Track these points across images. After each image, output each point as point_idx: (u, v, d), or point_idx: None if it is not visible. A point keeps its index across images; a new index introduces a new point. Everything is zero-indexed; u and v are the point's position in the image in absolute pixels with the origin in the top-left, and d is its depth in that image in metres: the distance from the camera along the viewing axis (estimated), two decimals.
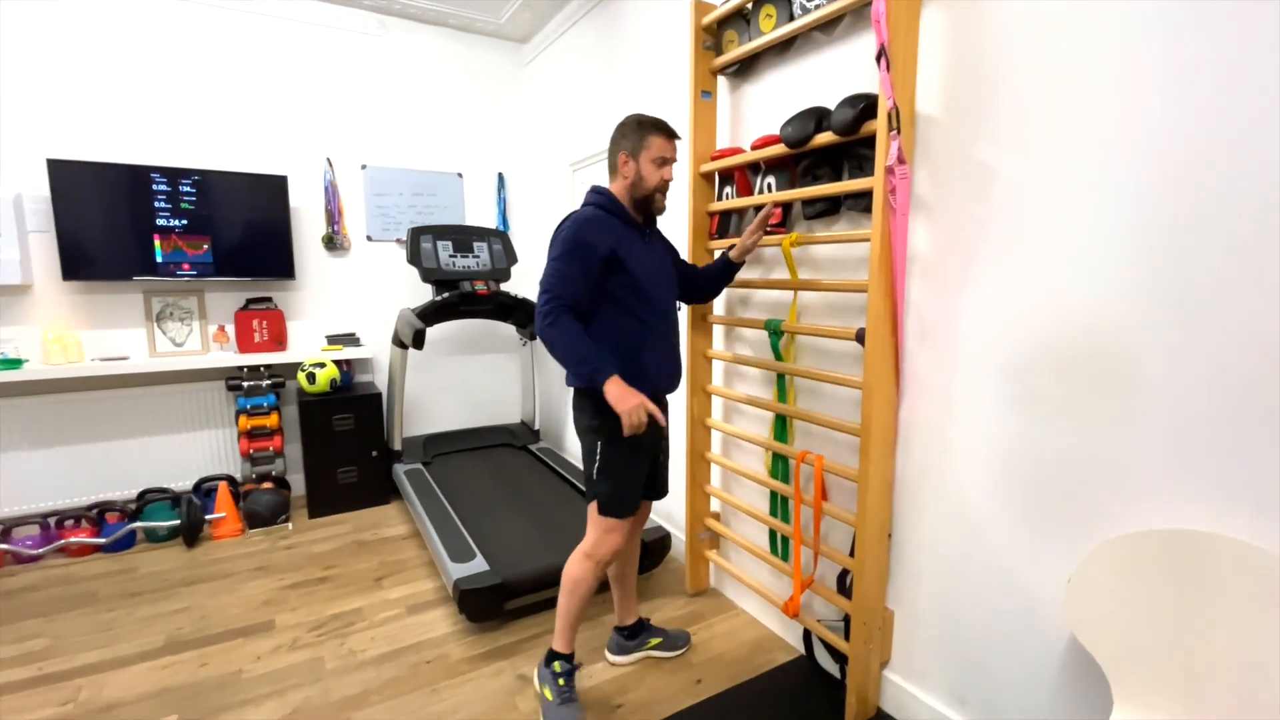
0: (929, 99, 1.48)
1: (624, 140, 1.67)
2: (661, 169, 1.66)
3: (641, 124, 1.66)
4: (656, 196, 1.69)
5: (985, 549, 1.46)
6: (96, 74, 2.77)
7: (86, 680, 1.87)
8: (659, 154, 1.64)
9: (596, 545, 1.70)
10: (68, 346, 2.75)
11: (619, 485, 1.67)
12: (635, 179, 1.66)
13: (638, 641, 1.97)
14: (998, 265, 1.38)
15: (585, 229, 1.59)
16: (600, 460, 1.65)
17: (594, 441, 1.65)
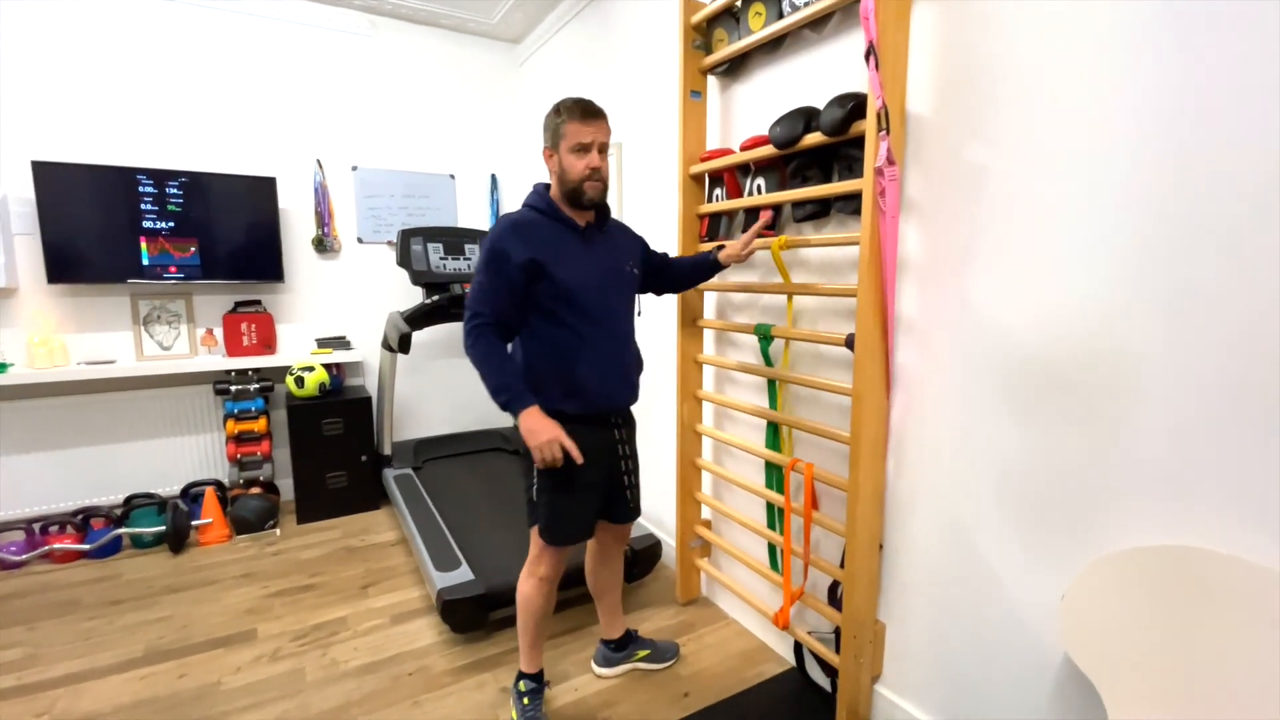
0: (920, 98, 1.44)
1: (545, 133, 1.56)
2: (584, 156, 1.49)
3: (557, 111, 1.52)
4: (585, 188, 1.51)
5: (979, 561, 1.42)
6: (83, 75, 2.74)
7: (65, 691, 1.84)
8: (575, 140, 1.49)
9: (534, 564, 1.64)
10: (53, 350, 2.72)
11: (554, 513, 1.58)
12: (560, 172, 1.53)
13: (625, 654, 1.92)
14: (991, 268, 1.34)
15: (503, 237, 1.49)
16: (537, 484, 1.57)
17: (530, 463, 1.55)
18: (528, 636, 1.69)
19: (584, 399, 1.55)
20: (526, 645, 1.70)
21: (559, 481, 1.55)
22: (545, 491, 1.56)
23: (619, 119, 2.71)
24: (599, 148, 1.51)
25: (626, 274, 1.65)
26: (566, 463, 1.49)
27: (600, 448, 1.60)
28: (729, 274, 2.11)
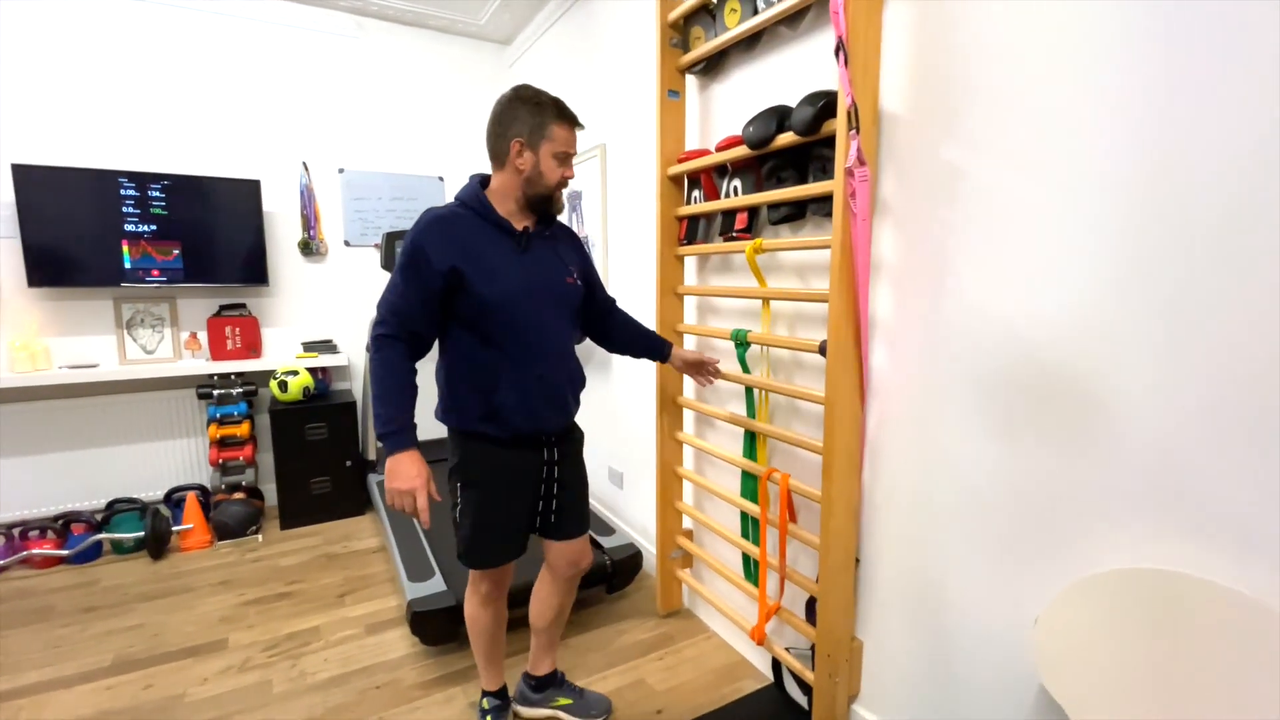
0: (894, 96, 1.39)
1: (516, 124, 1.37)
2: (563, 166, 1.41)
3: (540, 105, 1.37)
4: (556, 195, 1.44)
5: (957, 579, 1.36)
6: (63, 77, 2.73)
7: (28, 701, 1.81)
8: (562, 148, 1.39)
9: (474, 583, 1.58)
10: (35, 354, 2.71)
11: (475, 534, 1.47)
12: (532, 174, 1.38)
13: (543, 696, 1.74)
14: (968, 273, 1.28)
15: (427, 235, 1.33)
16: (460, 505, 1.48)
17: (453, 485, 1.48)
18: (481, 656, 1.64)
19: (504, 424, 1.41)
20: (483, 664, 1.65)
21: (478, 504, 1.46)
22: (466, 514, 1.47)
23: (603, 120, 2.67)
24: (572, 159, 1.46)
25: (565, 286, 1.48)
26: (485, 486, 1.45)
27: (525, 469, 1.49)
28: (707, 276, 2.07)
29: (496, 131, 1.40)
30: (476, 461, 1.46)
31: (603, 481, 2.94)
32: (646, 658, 2.01)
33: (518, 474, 1.48)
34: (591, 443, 3.03)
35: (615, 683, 1.89)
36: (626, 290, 2.59)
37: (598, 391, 2.91)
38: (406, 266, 1.33)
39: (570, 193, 2.98)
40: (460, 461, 1.47)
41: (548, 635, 1.72)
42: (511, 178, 1.41)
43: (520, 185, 1.40)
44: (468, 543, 1.49)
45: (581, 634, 2.13)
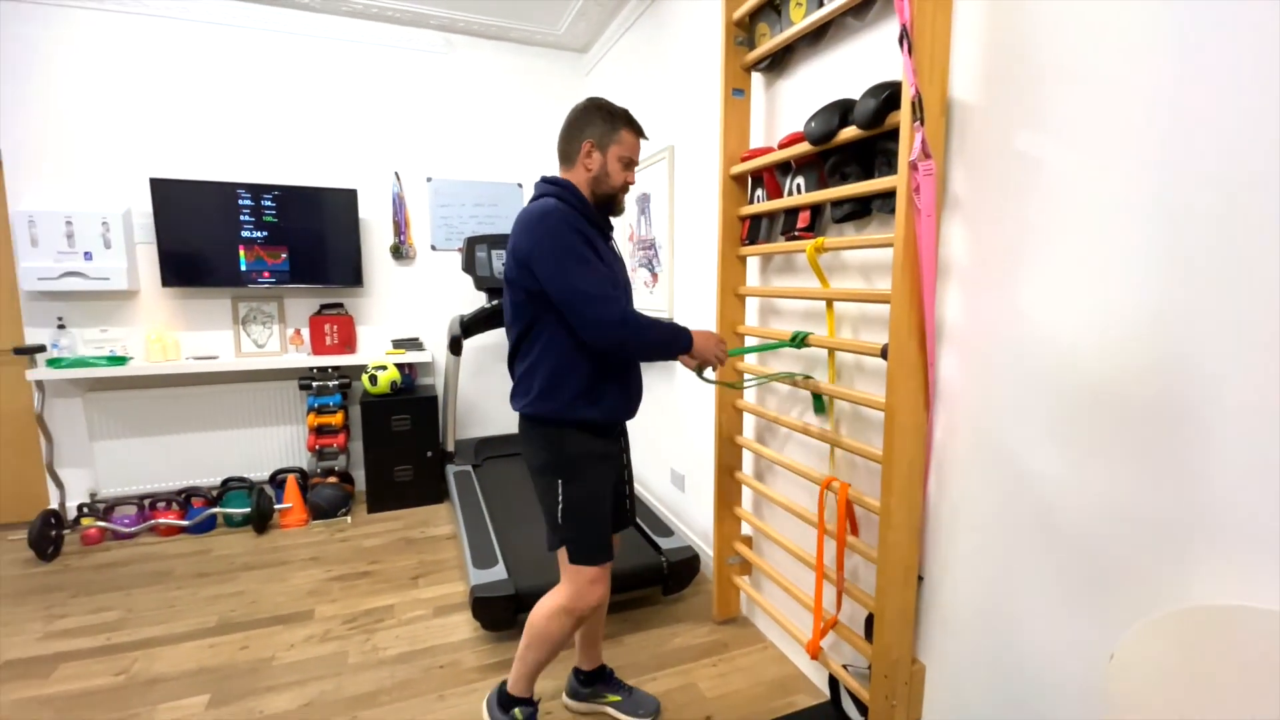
0: (965, 84, 1.30)
1: (590, 127, 1.46)
2: (627, 170, 1.49)
3: (613, 114, 1.47)
4: (620, 197, 1.51)
5: (1027, 606, 1.25)
6: (192, 101, 3.08)
7: (142, 653, 2.04)
8: (628, 153, 1.48)
9: (579, 598, 1.50)
10: (166, 346, 3.06)
11: (589, 527, 1.48)
12: (600, 173, 1.46)
13: (592, 691, 1.76)
14: (1045, 273, 1.17)
15: (574, 221, 1.38)
16: (564, 502, 1.46)
17: (553, 481, 1.47)
18: (535, 668, 1.57)
19: (609, 408, 1.48)
20: (528, 674, 1.58)
21: (594, 488, 1.48)
22: (577, 509, 1.46)
23: (672, 122, 2.67)
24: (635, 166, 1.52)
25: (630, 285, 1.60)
26: (590, 477, 1.47)
27: (615, 457, 1.56)
28: (769, 277, 2.02)
29: (570, 134, 1.48)
30: (579, 451, 1.46)
31: (664, 483, 2.94)
32: (699, 662, 1.99)
33: (611, 462, 1.52)
34: (654, 443, 3.05)
35: (666, 684, 1.88)
36: (689, 291, 2.58)
37: (661, 392, 2.91)
38: (583, 247, 1.36)
39: (639, 195, 3.01)
40: (560, 454, 1.46)
41: (596, 628, 1.73)
42: (580, 176, 1.47)
43: (588, 184, 1.48)
44: (586, 539, 1.47)
45: (635, 632, 2.14)
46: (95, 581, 2.53)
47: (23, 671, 1.95)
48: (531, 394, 1.45)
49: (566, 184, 1.46)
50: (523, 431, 1.53)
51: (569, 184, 1.46)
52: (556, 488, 1.47)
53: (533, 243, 1.36)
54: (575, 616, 1.51)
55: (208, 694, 1.84)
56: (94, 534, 2.87)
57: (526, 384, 1.47)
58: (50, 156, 2.91)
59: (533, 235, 1.36)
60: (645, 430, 3.15)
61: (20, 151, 2.87)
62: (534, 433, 1.49)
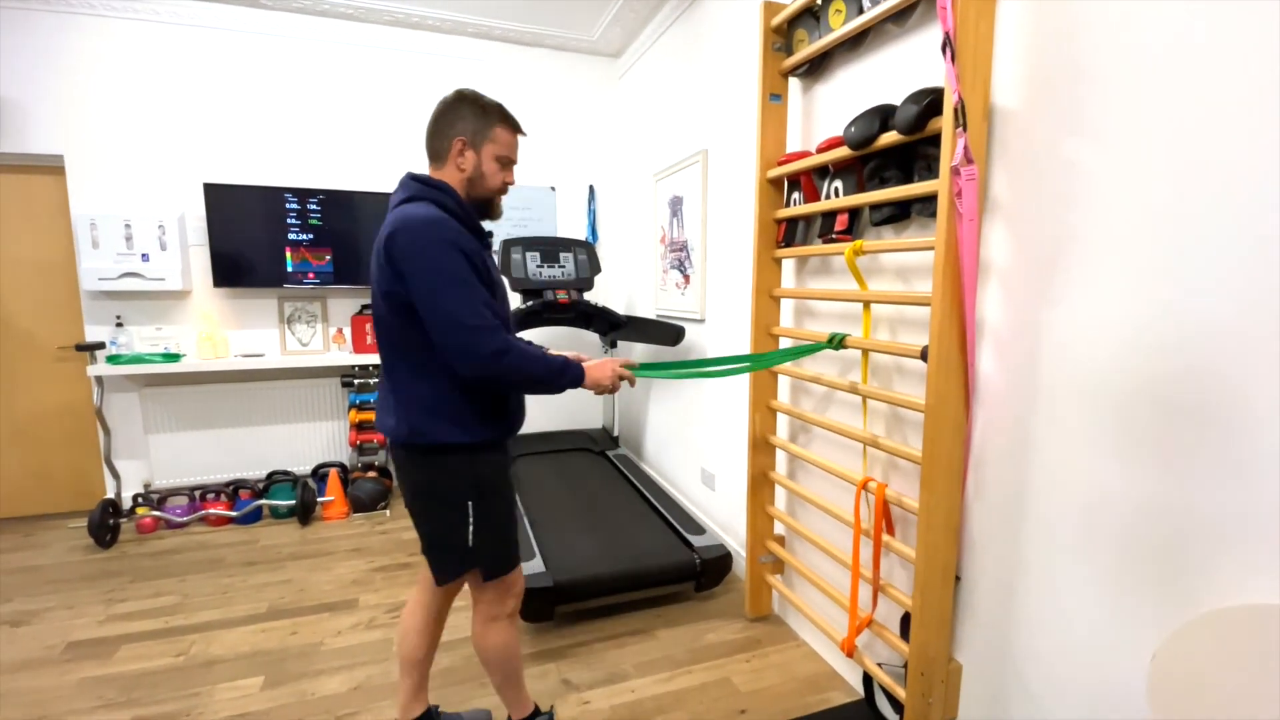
0: (1008, 90, 1.32)
1: (461, 122, 1.32)
2: (505, 171, 1.37)
3: (485, 109, 1.34)
4: (498, 200, 1.40)
5: (1067, 605, 1.26)
6: (243, 109, 3.21)
7: (200, 636, 2.15)
8: (505, 151, 1.36)
9: (498, 604, 1.45)
10: (216, 344, 3.19)
11: (507, 537, 1.44)
12: (474, 174, 1.34)
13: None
14: (1087, 276, 1.19)
15: (455, 235, 1.25)
16: (476, 522, 1.37)
17: (462, 502, 1.36)
18: (517, 682, 1.53)
19: (509, 423, 1.42)
20: (517, 692, 1.54)
21: (500, 511, 1.43)
22: (487, 528, 1.39)
23: (706, 125, 2.71)
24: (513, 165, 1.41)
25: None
26: (499, 492, 1.41)
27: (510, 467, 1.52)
28: (805, 279, 2.05)
29: (439, 129, 1.35)
30: (488, 470, 1.39)
31: (694, 481, 2.98)
32: (733, 658, 2.02)
33: (510, 473, 1.50)
34: (685, 442, 3.08)
35: (699, 678, 1.92)
36: (721, 293, 2.62)
37: (691, 390, 2.95)
38: (464, 268, 1.24)
39: (671, 198, 3.05)
40: (469, 479, 1.36)
41: (427, 668, 1.59)
42: (453, 176, 1.34)
43: (462, 186, 1.35)
44: (499, 552, 1.42)
45: (668, 628, 2.18)
46: (151, 568, 2.66)
47: (87, 652, 2.06)
48: (425, 418, 1.30)
49: (444, 186, 1.32)
50: (412, 461, 1.36)
51: (447, 187, 1.33)
52: (465, 511, 1.36)
53: (411, 255, 1.22)
54: (506, 619, 1.47)
55: (262, 675, 1.93)
56: (148, 523, 3.01)
57: (415, 406, 1.30)
58: (110, 162, 3.06)
59: (412, 247, 1.22)
60: (675, 430, 3.19)
61: (83, 158, 3.02)
62: (431, 461, 1.34)
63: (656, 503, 2.81)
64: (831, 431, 1.84)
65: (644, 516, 2.69)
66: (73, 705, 1.80)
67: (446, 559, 1.41)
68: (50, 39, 2.94)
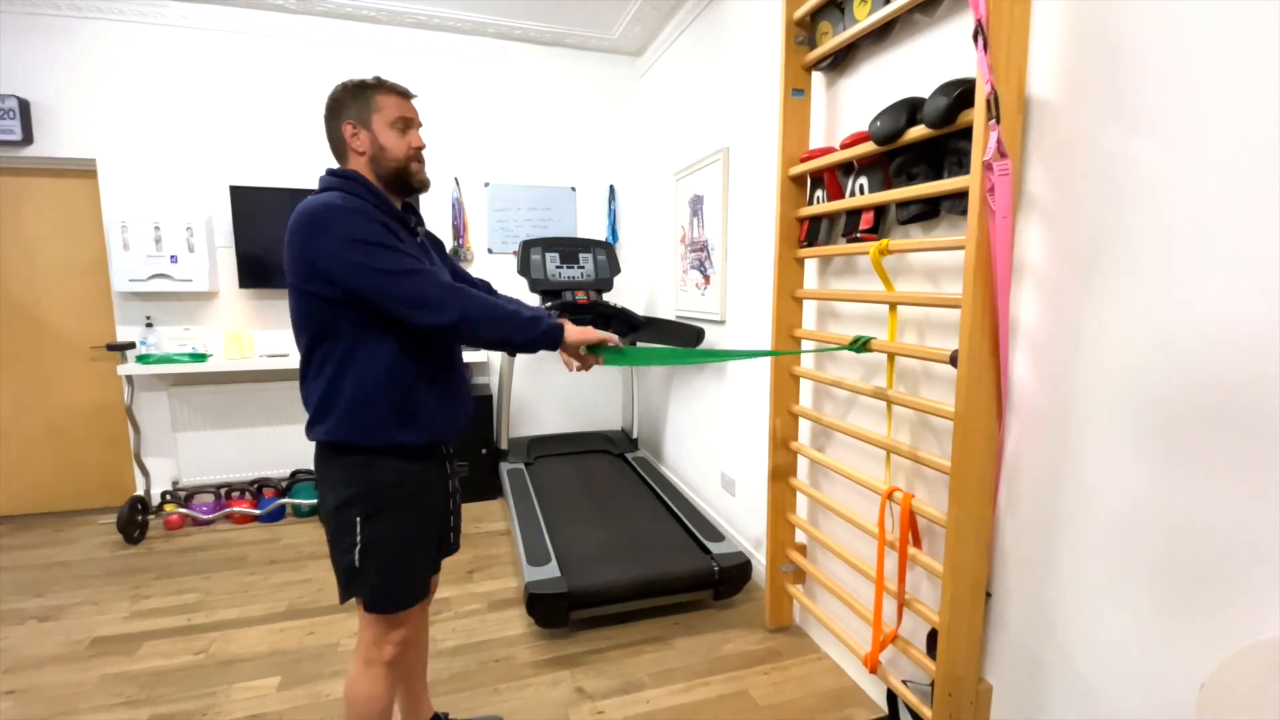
0: (1045, 80, 1.24)
1: (343, 111, 1.27)
2: (407, 134, 1.29)
3: (361, 84, 1.29)
4: (413, 168, 1.30)
5: (1106, 627, 1.18)
6: (267, 113, 3.25)
7: (220, 634, 2.16)
8: (396, 114, 1.28)
9: (374, 647, 1.30)
10: (242, 344, 3.23)
11: (395, 569, 1.28)
12: (374, 151, 1.27)
13: None
14: (1129, 277, 1.11)
15: (365, 210, 1.19)
16: (362, 541, 1.24)
17: (350, 518, 1.24)
18: None
19: (427, 428, 1.28)
20: None
21: (392, 535, 1.27)
22: (378, 549, 1.26)
23: (727, 123, 2.66)
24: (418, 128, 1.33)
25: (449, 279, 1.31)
26: (400, 510, 1.28)
27: (438, 483, 1.37)
28: (829, 280, 1.98)
29: (328, 129, 1.31)
30: (387, 482, 1.26)
31: (714, 486, 2.92)
32: (751, 670, 1.96)
33: (433, 490, 1.35)
34: (705, 445, 3.03)
35: (717, 690, 1.87)
36: (742, 293, 2.56)
37: (712, 394, 2.89)
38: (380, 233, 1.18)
39: (691, 196, 3.00)
40: (364, 487, 1.25)
41: (423, 678, 1.58)
42: (358, 163, 1.29)
43: (369, 168, 1.28)
44: (387, 583, 1.28)
45: (685, 636, 2.14)
46: (176, 565, 2.70)
47: (111, 648, 2.09)
48: (331, 417, 1.23)
49: (352, 174, 1.27)
50: (319, 464, 1.29)
51: (355, 174, 1.27)
52: (354, 526, 1.24)
53: (320, 242, 1.16)
54: (383, 664, 1.31)
55: (279, 676, 1.93)
56: (176, 520, 3.06)
57: (325, 406, 1.24)
58: (141, 166, 3.12)
59: (319, 233, 1.16)
60: (695, 433, 3.14)
61: (114, 161, 3.09)
62: (333, 464, 1.26)
63: (675, 507, 2.77)
64: (855, 438, 1.78)
65: (662, 521, 2.64)
66: (94, 702, 1.82)
67: (338, 577, 1.29)
68: (82, 45, 3.01)
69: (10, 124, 2.93)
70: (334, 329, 1.22)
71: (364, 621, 1.31)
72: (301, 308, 1.23)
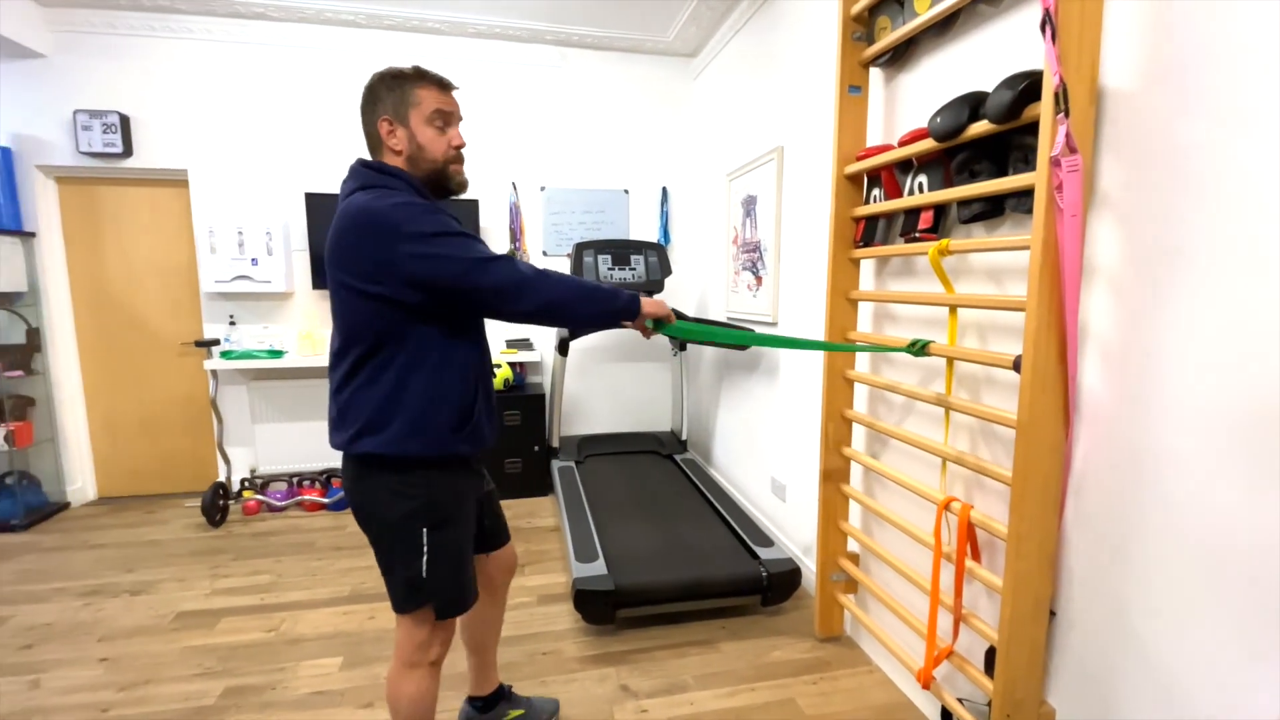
0: (1121, 69, 1.17)
1: (378, 104, 1.21)
2: (447, 131, 1.23)
3: (399, 75, 1.21)
4: (452, 169, 1.25)
5: (1181, 655, 1.10)
6: (339, 123, 3.43)
7: (289, 615, 2.30)
8: (435, 106, 1.21)
9: (423, 650, 1.30)
10: (314, 342, 3.42)
11: (459, 573, 1.29)
12: (411, 150, 1.21)
13: (493, 714, 1.66)
14: (1213, 280, 1.03)
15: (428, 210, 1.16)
16: (430, 551, 1.23)
17: (415, 529, 1.22)
18: None
19: (479, 438, 1.28)
20: None
21: (458, 539, 1.29)
22: (442, 559, 1.25)
23: (781, 122, 2.62)
24: (458, 124, 1.27)
25: None
26: (458, 520, 1.29)
27: (477, 489, 1.40)
28: (885, 281, 1.92)
29: (364, 122, 1.25)
30: (448, 492, 1.27)
31: (764, 491, 2.88)
32: (799, 678, 1.93)
33: (473, 497, 1.36)
34: (755, 449, 3.00)
35: (763, 696, 1.84)
36: (795, 295, 2.52)
37: (763, 396, 2.86)
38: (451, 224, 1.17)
39: (744, 197, 2.98)
40: (427, 500, 1.23)
41: (491, 652, 1.65)
42: (395, 161, 1.24)
43: (409, 166, 1.23)
44: (450, 590, 1.28)
45: (732, 640, 2.12)
46: (252, 547, 2.88)
47: (193, 622, 2.25)
48: (391, 427, 1.17)
49: (397, 172, 1.22)
50: (360, 477, 1.23)
51: (400, 172, 1.22)
52: (419, 538, 1.23)
53: (395, 241, 1.11)
54: (426, 665, 1.32)
55: (341, 656, 2.04)
56: (253, 506, 3.27)
57: (382, 415, 1.18)
58: (226, 175, 3.36)
59: (392, 232, 1.11)
60: (744, 436, 3.11)
61: (203, 171, 3.34)
62: (385, 477, 1.21)
63: (724, 511, 2.75)
64: (911, 445, 1.72)
65: (710, 525, 2.63)
66: (176, 672, 1.97)
67: (402, 587, 1.27)
68: (176, 64, 3.27)
69: (113, 138, 3.21)
70: (398, 333, 1.16)
71: (411, 626, 1.29)
72: (362, 310, 1.15)
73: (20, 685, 1.90)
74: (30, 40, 3.05)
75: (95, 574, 2.62)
